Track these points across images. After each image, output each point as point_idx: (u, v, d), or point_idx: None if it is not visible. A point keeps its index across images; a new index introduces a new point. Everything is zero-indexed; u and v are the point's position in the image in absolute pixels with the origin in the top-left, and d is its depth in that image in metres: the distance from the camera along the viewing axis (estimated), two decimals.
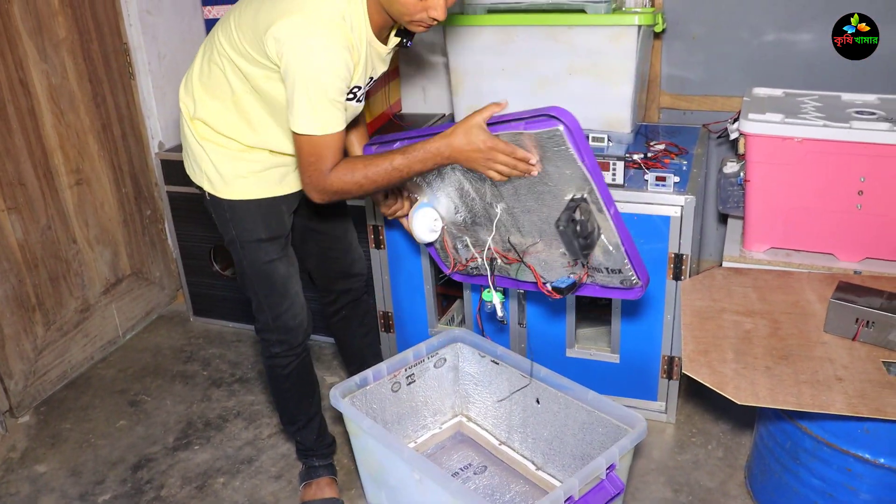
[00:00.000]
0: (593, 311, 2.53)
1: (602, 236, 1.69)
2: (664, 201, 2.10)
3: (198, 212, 2.91)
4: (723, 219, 2.71)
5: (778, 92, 2.32)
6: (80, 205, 2.80)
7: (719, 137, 2.66)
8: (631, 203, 2.13)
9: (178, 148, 2.99)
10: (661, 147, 2.40)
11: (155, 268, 3.21)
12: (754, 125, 2.01)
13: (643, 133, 2.60)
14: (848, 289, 1.76)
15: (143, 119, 3.04)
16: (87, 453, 2.44)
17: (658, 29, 2.47)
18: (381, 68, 1.79)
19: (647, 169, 2.20)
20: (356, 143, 2.00)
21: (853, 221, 2.03)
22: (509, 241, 1.87)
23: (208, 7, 2.87)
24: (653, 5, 2.69)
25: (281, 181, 1.88)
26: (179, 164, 2.85)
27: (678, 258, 2.13)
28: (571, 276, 1.79)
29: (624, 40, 2.30)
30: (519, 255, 1.85)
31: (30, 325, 2.65)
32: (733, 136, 2.23)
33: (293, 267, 1.98)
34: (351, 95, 1.70)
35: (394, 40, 1.77)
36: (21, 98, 2.54)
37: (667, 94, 2.85)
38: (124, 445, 2.46)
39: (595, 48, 2.33)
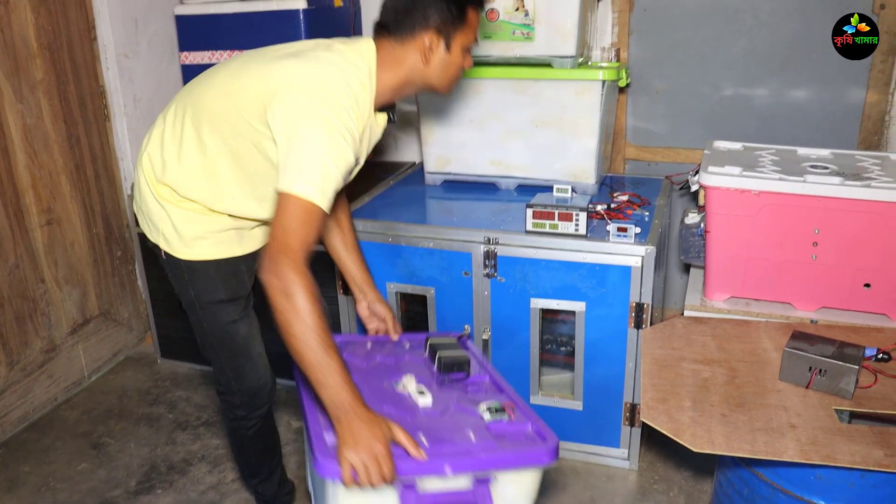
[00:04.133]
0: (558, 357, 2.56)
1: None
2: (625, 252, 2.15)
3: None
4: (686, 268, 2.77)
5: (737, 145, 2.39)
6: (50, 244, 2.80)
7: (681, 189, 2.73)
8: (593, 253, 2.18)
9: None
10: (625, 198, 2.46)
11: (124, 308, 3.20)
12: (714, 178, 2.07)
13: (608, 184, 2.67)
14: (802, 338, 1.81)
15: (116, 160, 3.06)
16: (46, 498, 2.40)
17: (622, 84, 2.56)
18: (371, 146, 1.82)
19: (610, 220, 2.25)
20: (340, 207, 2.00)
21: (809, 272, 2.09)
22: None
23: (185, 52, 2.92)
24: (618, 60, 2.79)
25: (240, 241, 1.85)
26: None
27: (639, 307, 2.18)
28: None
29: (589, 94, 2.38)
30: None
31: None
32: (694, 188, 2.29)
33: (255, 328, 1.93)
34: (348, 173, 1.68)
35: (382, 116, 1.80)
36: None
37: (632, 145, 2.94)
38: (84, 489, 2.43)
39: (561, 101, 2.40)
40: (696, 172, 2.24)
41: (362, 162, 1.78)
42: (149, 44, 3.08)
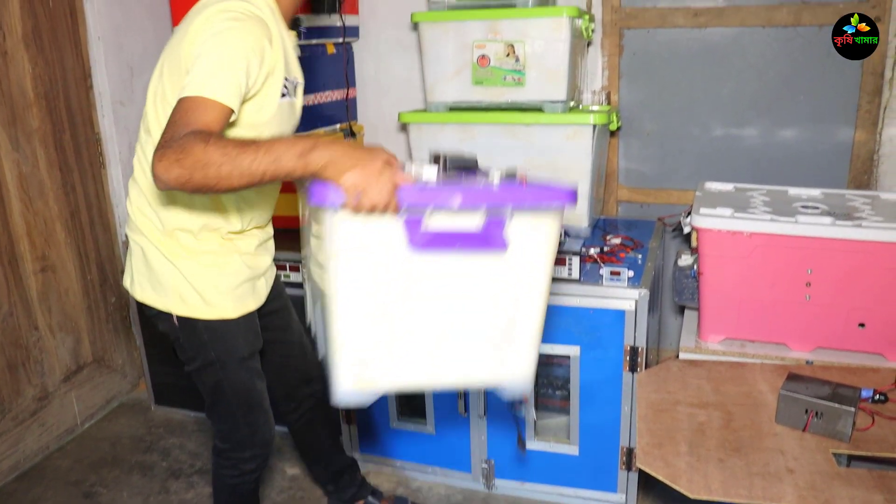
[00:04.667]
0: (552, 401, 2.55)
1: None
2: (619, 295, 2.16)
3: None
4: (680, 309, 2.77)
5: (728, 186, 2.41)
6: (45, 291, 2.80)
7: (674, 231, 2.74)
8: (587, 297, 2.18)
9: None
10: (618, 241, 2.47)
11: (118, 355, 3.19)
12: (705, 220, 2.08)
13: (601, 227, 2.68)
14: (797, 379, 1.80)
15: (111, 207, 3.07)
16: None
17: (613, 127, 2.58)
18: (299, 70, 1.77)
19: (603, 263, 2.26)
20: None
21: (803, 312, 2.09)
22: None
23: None
24: (609, 103, 2.82)
25: (254, 293, 1.83)
26: None
27: (634, 350, 2.17)
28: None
29: (580, 138, 2.40)
30: None
31: None
32: (686, 229, 2.31)
33: (264, 380, 1.92)
34: (284, 90, 1.63)
35: (293, 33, 1.76)
36: None
37: (625, 187, 2.95)
38: None
39: (552, 145, 2.42)
40: (688, 214, 2.25)
41: (300, 83, 1.75)
42: (144, 91, 3.08)
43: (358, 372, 1.41)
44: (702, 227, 2.09)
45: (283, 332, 2.05)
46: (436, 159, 1.45)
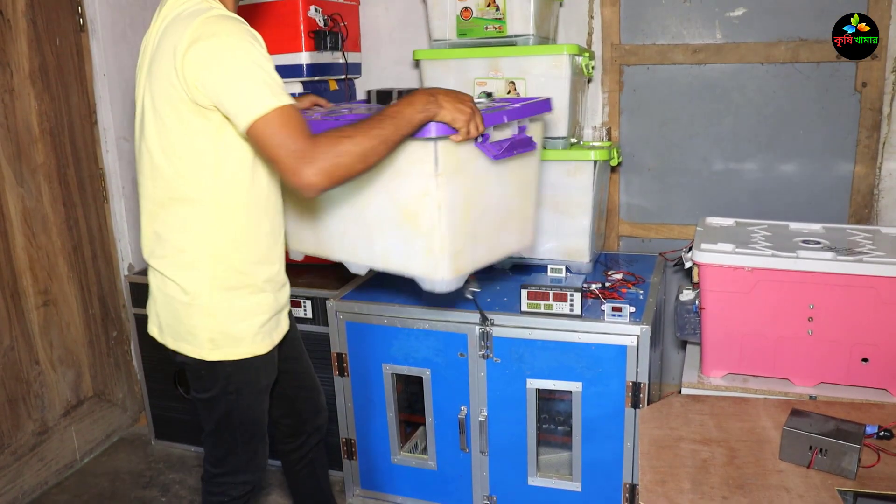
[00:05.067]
0: (555, 437, 2.53)
1: None
2: (620, 331, 2.15)
3: None
4: (683, 344, 2.76)
5: (729, 221, 2.42)
6: (46, 325, 2.80)
7: (675, 266, 2.75)
8: (588, 333, 2.18)
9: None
10: (619, 276, 2.47)
11: (118, 389, 3.18)
12: (706, 255, 2.09)
13: (602, 262, 2.69)
14: (801, 415, 1.79)
15: (114, 241, 3.09)
16: None
17: (614, 163, 2.60)
18: None
19: (604, 299, 2.26)
20: None
21: (805, 347, 2.08)
22: None
23: None
24: (609, 139, 2.84)
25: (279, 325, 1.82)
26: (147, 287, 2.89)
27: (636, 386, 2.17)
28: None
29: (581, 174, 2.41)
30: None
31: None
32: (688, 265, 2.31)
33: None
34: None
35: None
36: None
37: (626, 222, 2.96)
38: None
39: (553, 181, 2.44)
40: (690, 249, 2.26)
41: None
42: None
43: (453, 263, 1.84)
44: (703, 262, 2.09)
45: (296, 362, 2.04)
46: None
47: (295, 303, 2.62)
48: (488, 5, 2.57)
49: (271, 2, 2.76)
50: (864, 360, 2.04)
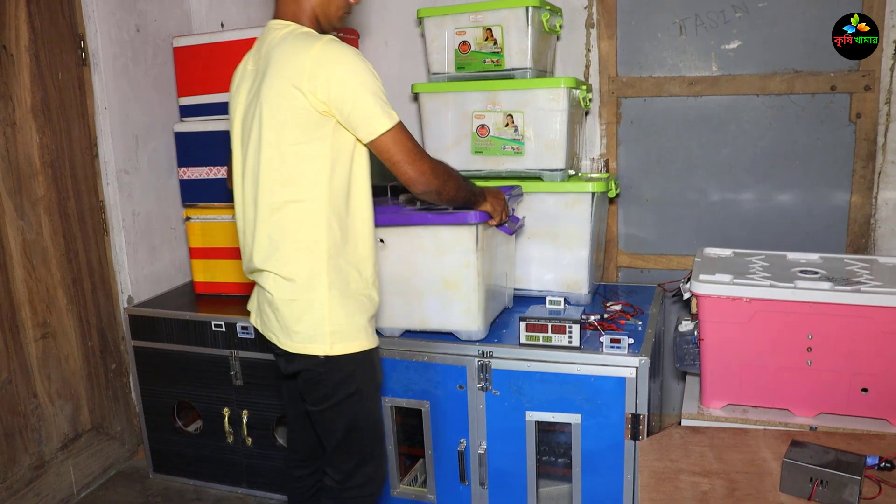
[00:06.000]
0: (555, 469, 2.52)
1: None
2: (619, 363, 2.15)
3: (163, 366, 2.92)
4: (682, 375, 2.76)
5: (727, 252, 2.42)
6: (44, 358, 2.79)
7: (674, 296, 2.75)
8: (587, 365, 2.18)
9: (147, 303, 3.04)
10: (618, 308, 2.48)
11: (117, 422, 3.16)
12: (704, 286, 2.09)
13: (601, 293, 2.69)
14: (801, 447, 1.78)
15: (114, 274, 3.09)
16: None
17: (612, 194, 2.61)
18: None
19: (603, 331, 2.26)
20: None
21: (805, 377, 2.08)
22: None
23: (184, 168, 3.00)
24: (607, 170, 2.86)
25: (375, 326, 1.94)
26: (147, 320, 2.92)
27: (635, 418, 2.16)
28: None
29: (579, 206, 2.43)
30: None
31: None
32: (686, 295, 2.31)
33: None
34: None
35: None
36: None
37: (625, 253, 2.97)
38: None
39: (552, 213, 2.45)
40: (688, 280, 2.26)
41: None
42: (149, 160, 3.16)
43: (484, 316, 2.31)
44: (701, 293, 2.09)
45: None
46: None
47: None
48: (486, 39, 2.61)
49: None
50: (864, 389, 2.04)
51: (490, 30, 2.60)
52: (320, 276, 1.80)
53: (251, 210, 1.86)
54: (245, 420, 2.81)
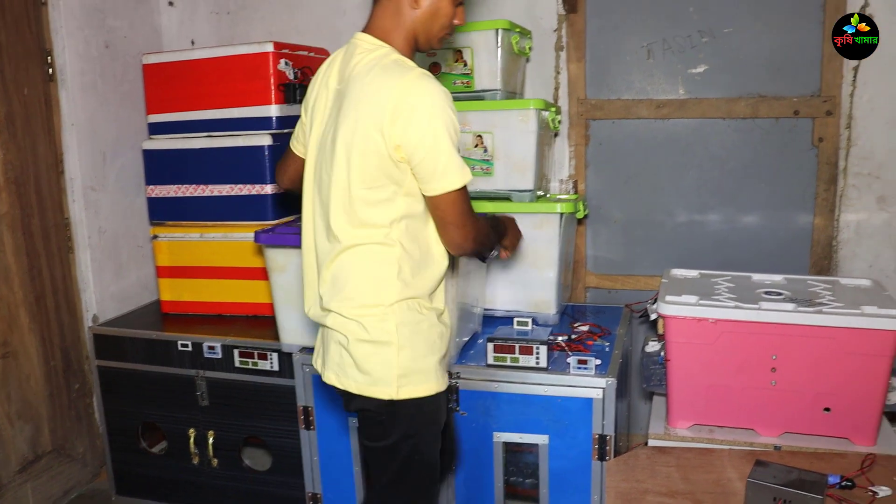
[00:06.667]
0: (523, 490, 2.51)
1: None
2: (586, 384, 2.16)
3: (128, 386, 2.87)
4: (650, 395, 2.77)
5: (693, 273, 2.44)
6: (4, 378, 2.74)
7: (641, 317, 2.77)
8: (554, 386, 2.19)
9: (113, 322, 3.00)
10: (585, 328, 2.49)
11: (79, 443, 3.10)
12: (671, 307, 2.10)
13: (569, 313, 2.70)
14: (765, 466, 1.80)
15: (78, 292, 3.04)
16: None
17: (580, 215, 2.63)
18: None
19: (570, 352, 2.27)
20: None
21: (769, 397, 2.10)
22: None
23: (152, 186, 2.97)
24: (576, 191, 2.89)
25: (446, 365, 1.86)
26: (112, 339, 2.87)
27: (602, 439, 2.16)
28: None
29: (548, 227, 2.44)
30: None
31: None
32: (653, 316, 2.33)
33: None
34: None
35: None
36: None
37: (592, 274, 2.99)
38: None
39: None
40: (655, 301, 2.28)
41: None
42: (116, 177, 3.13)
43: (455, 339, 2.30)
44: (668, 314, 2.11)
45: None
46: None
47: (262, 355, 2.60)
48: (456, 61, 2.63)
49: (241, 55, 2.79)
50: (827, 409, 2.06)
51: (460, 52, 2.62)
52: (388, 317, 1.72)
53: (323, 244, 1.79)
54: (211, 441, 2.77)
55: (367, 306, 1.72)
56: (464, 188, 1.66)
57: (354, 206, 1.69)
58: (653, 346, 2.38)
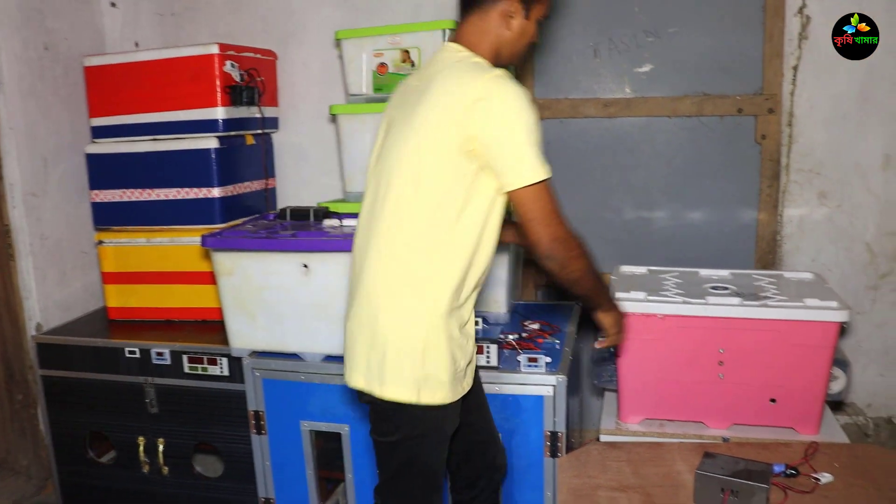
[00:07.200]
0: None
1: None
2: (537, 381, 2.18)
3: (75, 396, 2.80)
4: (601, 391, 2.80)
5: (642, 269, 2.48)
6: None
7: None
8: (506, 384, 2.20)
9: (57, 330, 2.93)
10: (536, 326, 2.50)
11: (23, 456, 3.02)
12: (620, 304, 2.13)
13: (520, 312, 2.71)
14: (713, 458, 1.83)
15: (20, 300, 2.96)
16: None
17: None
18: None
19: (521, 350, 2.28)
20: None
21: (717, 390, 2.14)
22: None
23: (96, 191, 2.91)
24: None
25: (466, 376, 1.82)
26: (57, 347, 2.80)
27: (554, 436, 2.18)
28: None
29: None
30: None
31: None
32: None
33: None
34: None
35: None
36: None
37: (543, 272, 3.01)
38: None
39: None
40: None
41: None
42: (59, 182, 3.05)
43: None
44: None
45: (477, 412, 2.00)
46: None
47: (211, 360, 2.56)
48: (404, 61, 2.62)
49: (187, 57, 2.75)
50: (772, 400, 2.11)
51: (408, 52, 2.61)
52: (419, 322, 1.71)
53: (364, 239, 1.79)
54: (161, 449, 2.72)
55: (401, 309, 1.72)
56: (545, 185, 1.64)
57: (415, 196, 1.69)
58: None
